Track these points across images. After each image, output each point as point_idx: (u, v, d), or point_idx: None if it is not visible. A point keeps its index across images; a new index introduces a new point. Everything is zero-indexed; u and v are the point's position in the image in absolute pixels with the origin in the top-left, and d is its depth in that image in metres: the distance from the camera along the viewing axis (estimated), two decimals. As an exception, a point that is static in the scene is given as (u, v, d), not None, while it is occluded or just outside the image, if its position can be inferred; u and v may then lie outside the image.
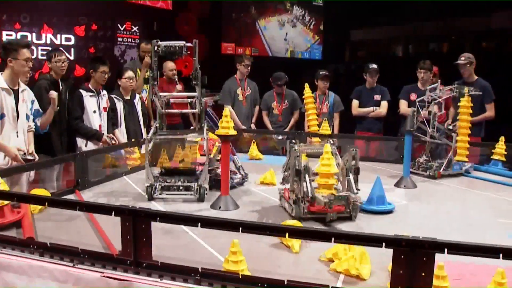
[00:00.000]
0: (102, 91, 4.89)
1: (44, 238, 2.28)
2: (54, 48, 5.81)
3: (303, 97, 5.04)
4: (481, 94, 4.67)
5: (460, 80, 5.36)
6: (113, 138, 4.78)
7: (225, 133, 3.00)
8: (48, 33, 7.58)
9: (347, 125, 6.34)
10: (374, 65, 6.10)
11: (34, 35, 7.45)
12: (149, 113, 5.70)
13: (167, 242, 2.34)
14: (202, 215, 2.46)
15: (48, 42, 7.54)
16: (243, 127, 5.99)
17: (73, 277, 1.92)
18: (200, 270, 1.81)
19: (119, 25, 8.29)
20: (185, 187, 3.32)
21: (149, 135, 3.40)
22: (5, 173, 3.10)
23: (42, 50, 7.36)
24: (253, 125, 6.38)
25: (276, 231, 1.89)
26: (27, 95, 4.03)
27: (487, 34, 10.15)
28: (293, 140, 3.04)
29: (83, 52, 7.93)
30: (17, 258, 2.04)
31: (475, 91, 4.35)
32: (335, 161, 2.88)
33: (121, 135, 5.02)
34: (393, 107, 6.00)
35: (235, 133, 3.05)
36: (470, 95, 4.31)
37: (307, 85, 5.03)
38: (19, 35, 7.28)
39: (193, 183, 3.30)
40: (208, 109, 3.91)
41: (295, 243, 2.32)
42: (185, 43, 3.32)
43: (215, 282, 1.78)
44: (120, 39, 8.33)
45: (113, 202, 3.23)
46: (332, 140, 3.24)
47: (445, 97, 4.28)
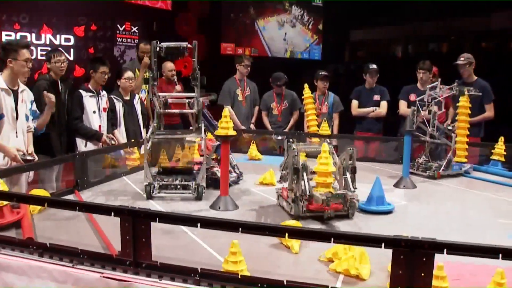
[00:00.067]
0: (101, 91, 4.89)
1: (43, 238, 2.28)
2: (53, 48, 5.81)
3: (303, 97, 5.05)
4: (480, 94, 4.67)
5: (460, 80, 5.37)
6: (112, 138, 4.77)
7: (225, 133, 3.00)
8: (47, 33, 7.56)
9: (347, 126, 6.33)
10: (373, 65, 6.10)
11: (33, 35, 7.42)
12: (148, 114, 5.70)
13: (166, 242, 2.34)
14: (201, 215, 2.46)
15: (47, 42, 7.53)
16: (242, 128, 5.99)
17: (73, 277, 1.92)
18: (199, 270, 1.81)
19: (118, 26, 8.28)
20: (183, 186, 3.35)
21: (147, 134, 3.43)
22: (4, 173, 3.10)
23: (41, 50, 7.33)
24: (252, 126, 6.38)
25: (275, 231, 1.89)
26: (27, 95, 4.03)
27: (487, 34, 10.16)
28: (291, 139, 3.05)
29: (82, 52, 7.92)
30: (17, 258, 2.04)
31: (474, 92, 4.36)
32: (332, 160, 2.89)
33: (120, 135, 5.01)
34: (393, 107, 6.00)
35: (234, 133, 3.06)
36: (469, 95, 4.32)
37: (306, 85, 5.04)
38: (19, 35, 7.26)
39: (191, 182, 3.33)
40: (203, 109, 3.93)
41: (294, 244, 2.32)
42: (187, 44, 3.33)
43: (215, 282, 1.78)
44: (119, 40, 8.32)
45: (112, 202, 3.23)
46: (328, 139, 3.24)
47: (445, 96, 4.28)
